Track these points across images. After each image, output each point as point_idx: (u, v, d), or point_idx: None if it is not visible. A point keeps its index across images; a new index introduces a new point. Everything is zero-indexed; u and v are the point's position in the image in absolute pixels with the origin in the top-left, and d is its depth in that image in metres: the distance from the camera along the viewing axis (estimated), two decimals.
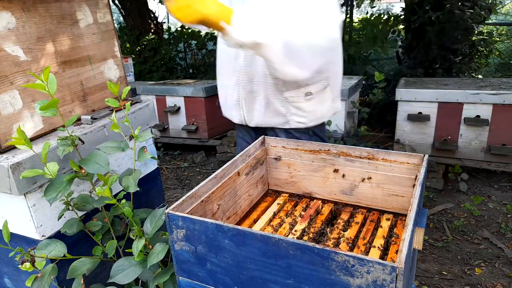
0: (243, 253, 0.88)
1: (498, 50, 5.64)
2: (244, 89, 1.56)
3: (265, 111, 1.57)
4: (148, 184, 1.68)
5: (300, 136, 1.61)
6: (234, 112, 1.66)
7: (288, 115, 1.56)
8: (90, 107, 1.56)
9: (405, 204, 1.26)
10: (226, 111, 1.72)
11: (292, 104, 1.54)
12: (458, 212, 2.87)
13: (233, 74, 1.57)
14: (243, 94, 1.58)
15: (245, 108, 1.61)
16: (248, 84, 1.55)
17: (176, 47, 7.31)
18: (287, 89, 1.50)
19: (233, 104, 1.63)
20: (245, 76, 1.54)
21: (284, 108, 1.54)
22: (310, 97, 1.53)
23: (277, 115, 1.57)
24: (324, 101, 1.58)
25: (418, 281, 2.21)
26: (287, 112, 1.55)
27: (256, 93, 1.55)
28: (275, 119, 1.58)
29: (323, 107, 1.59)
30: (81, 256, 1.24)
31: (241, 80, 1.55)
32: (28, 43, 1.30)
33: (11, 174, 1.15)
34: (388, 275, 0.73)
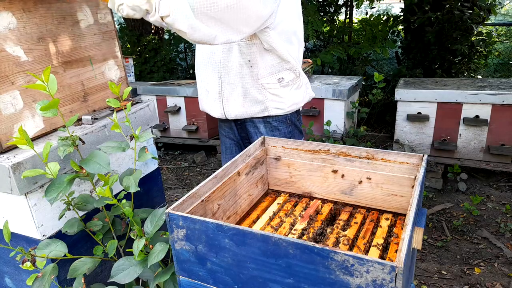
0: (243, 252, 0.89)
1: (497, 51, 5.65)
2: (223, 81, 1.62)
3: (243, 100, 1.63)
4: (148, 184, 1.69)
5: (278, 126, 1.69)
6: (214, 105, 1.70)
7: (266, 102, 1.62)
8: (91, 107, 1.56)
9: (404, 203, 1.27)
10: (206, 105, 1.75)
11: (269, 91, 1.61)
12: (457, 212, 2.88)
13: (213, 68, 1.62)
14: (222, 87, 1.63)
15: (224, 101, 1.66)
16: (226, 76, 1.61)
17: (176, 47, 7.30)
18: (262, 75, 1.58)
19: (214, 97, 1.67)
20: (224, 69, 1.60)
21: (261, 96, 1.61)
22: (285, 84, 1.62)
23: (255, 103, 1.63)
24: (299, 88, 1.69)
25: (418, 281, 2.22)
26: (264, 99, 1.62)
27: (234, 84, 1.61)
28: (254, 108, 1.64)
29: (299, 93, 1.69)
30: (81, 256, 1.24)
31: (221, 73, 1.61)
32: (29, 44, 1.30)
33: (12, 174, 1.15)
34: (388, 275, 0.74)
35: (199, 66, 1.71)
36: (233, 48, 1.56)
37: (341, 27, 5.71)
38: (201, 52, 1.67)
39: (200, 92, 1.76)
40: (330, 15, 5.60)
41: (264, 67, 1.57)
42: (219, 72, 1.61)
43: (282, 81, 1.61)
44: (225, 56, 1.58)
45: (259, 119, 1.68)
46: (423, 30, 4.58)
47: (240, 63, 1.57)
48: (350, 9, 5.78)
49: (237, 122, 1.76)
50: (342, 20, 5.94)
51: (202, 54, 1.67)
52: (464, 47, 4.48)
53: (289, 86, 1.64)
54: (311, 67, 3.95)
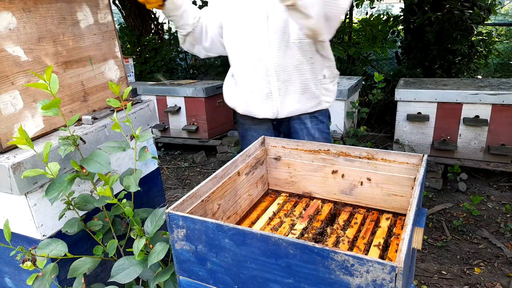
0: (243, 252, 0.89)
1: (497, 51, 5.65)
2: (277, 79, 1.62)
3: (300, 97, 1.68)
4: (148, 184, 1.69)
5: (323, 119, 1.80)
6: (264, 105, 1.68)
7: (320, 96, 1.73)
8: (91, 107, 1.56)
9: (404, 203, 1.27)
10: (251, 107, 1.72)
11: (323, 86, 1.72)
12: (457, 212, 2.88)
13: (265, 68, 1.62)
14: (276, 85, 1.63)
15: (278, 99, 1.66)
16: (282, 73, 1.62)
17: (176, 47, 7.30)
18: (319, 71, 1.68)
19: (262, 97, 1.67)
20: (277, 66, 1.61)
21: (318, 90, 1.71)
22: (331, 79, 1.75)
23: (311, 98, 1.71)
24: (336, 83, 1.82)
25: (418, 281, 2.22)
26: (320, 94, 1.72)
27: (290, 81, 1.64)
28: (309, 103, 1.71)
29: (336, 88, 1.83)
30: (82, 256, 1.24)
31: (272, 71, 1.61)
32: (29, 44, 1.30)
33: (12, 174, 1.15)
34: (388, 275, 0.74)
35: (243, 68, 1.68)
36: (291, 47, 1.59)
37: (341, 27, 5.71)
38: (246, 54, 1.65)
39: (242, 94, 1.73)
40: None
41: (319, 63, 1.67)
42: (274, 71, 1.62)
43: (327, 77, 1.73)
44: (281, 55, 1.60)
45: (307, 115, 1.75)
46: (423, 30, 4.58)
47: (300, 60, 1.62)
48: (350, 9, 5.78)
49: (277, 122, 1.78)
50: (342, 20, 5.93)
51: (247, 56, 1.65)
52: (464, 47, 4.48)
53: (334, 81, 1.77)
54: None
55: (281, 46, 1.59)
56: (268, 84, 1.64)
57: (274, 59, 1.60)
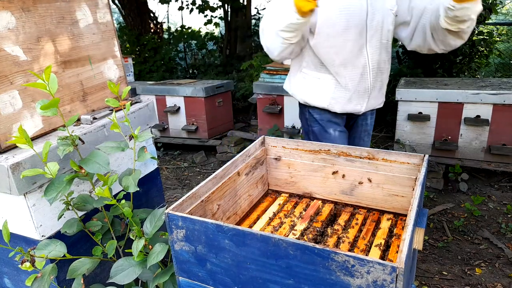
0: (243, 253, 0.88)
1: (498, 50, 5.64)
2: (373, 76, 1.73)
3: (378, 94, 1.81)
4: (148, 184, 1.68)
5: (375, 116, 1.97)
6: (357, 102, 1.76)
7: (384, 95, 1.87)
8: (90, 107, 1.56)
9: (405, 204, 1.26)
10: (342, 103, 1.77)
11: None
12: (458, 212, 2.87)
13: (365, 66, 1.71)
14: (371, 82, 1.74)
15: (371, 95, 1.78)
16: (376, 71, 1.74)
17: (176, 47, 7.30)
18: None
19: (358, 94, 1.75)
20: (377, 65, 1.73)
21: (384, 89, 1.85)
22: None
23: (381, 96, 1.85)
24: None
25: (418, 281, 2.21)
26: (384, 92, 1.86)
27: (379, 79, 1.77)
28: (379, 100, 1.86)
29: None
30: (81, 256, 1.24)
31: (370, 69, 1.72)
32: (28, 43, 1.30)
33: (11, 174, 1.15)
34: (388, 275, 0.73)
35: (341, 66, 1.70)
36: (383, 47, 1.72)
37: None
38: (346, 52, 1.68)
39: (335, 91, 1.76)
40: None
41: None
42: (371, 68, 1.71)
43: None
44: (378, 53, 1.71)
45: (369, 112, 1.89)
46: None
47: (385, 60, 1.76)
48: None
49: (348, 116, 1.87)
50: None
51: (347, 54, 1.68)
52: (465, 46, 4.47)
53: None
54: None
55: (377, 45, 1.69)
56: (366, 81, 1.73)
57: (373, 57, 1.70)
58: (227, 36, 6.88)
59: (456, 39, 1.60)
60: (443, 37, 1.60)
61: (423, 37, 1.68)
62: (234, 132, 4.24)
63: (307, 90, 1.81)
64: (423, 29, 1.65)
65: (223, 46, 7.10)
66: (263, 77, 3.75)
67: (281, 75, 3.64)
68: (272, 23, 1.59)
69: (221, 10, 6.77)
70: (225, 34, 6.97)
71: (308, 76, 1.79)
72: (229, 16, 6.71)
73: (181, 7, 7.04)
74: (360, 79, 1.72)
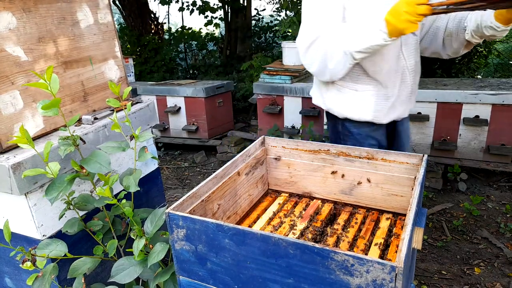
0: (243, 252, 0.89)
1: (497, 50, 5.65)
2: (413, 79, 1.61)
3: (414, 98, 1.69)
4: (148, 184, 1.69)
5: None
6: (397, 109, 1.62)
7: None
8: (91, 107, 1.56)
9: (404, 203, 1.27)
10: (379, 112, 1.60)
11: None
12: (457, 212, 2.88)
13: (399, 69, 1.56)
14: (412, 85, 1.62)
15: (411, 99, 1.66)
16: (414, 73, 1.62)
17: (176, 47, 7.31)
18: None
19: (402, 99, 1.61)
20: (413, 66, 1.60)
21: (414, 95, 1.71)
22: None
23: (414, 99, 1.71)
24: None
25: (418, 281, 2.22)
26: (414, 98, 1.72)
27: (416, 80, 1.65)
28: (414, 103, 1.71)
29: None
30: (82, 256, 1.24)
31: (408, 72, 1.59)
32: (29, 44, 1.30)
33: (12, 174, 1.15)
34: (388, 275, 0.74)
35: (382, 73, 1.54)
36: (416, 47, 1.61)
37: None
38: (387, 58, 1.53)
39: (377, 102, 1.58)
40: None
41: None
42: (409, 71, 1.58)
43: None
44: (413, 55, 1.59)
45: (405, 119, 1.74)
46: None
47: (417, 61, 1.64)
48: None
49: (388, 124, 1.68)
50: None
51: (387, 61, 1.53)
52: None
53: None
54: None
55: (416, 51, 1.60)
56: (407, 85, 1.60)
57: (409, 58, 1.57)
58: (227, 37, 6.89)
59: (466, 50, 1.56)
60: (457, 46, 1.54)
61: (432, 40, 1.62)
62: (234, 132, 4.25)
63: (346, 104, 1.62)
64: (435, 32, 1.60)
65: (223, 46, 7.11)
66: (263, 78, 3.76)
67: (280, 75, 3.65)
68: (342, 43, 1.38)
69: (221, 11, 6.78)
70: (225, 35, 6.98)
71: (344, 88, 1.61)
72: (229, 17, 6.72)
73: (182, 8, 7.05)
74: (401, 84, 1.59)
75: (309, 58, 1.49)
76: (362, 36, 1.35)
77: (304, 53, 1.50)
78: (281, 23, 4.38)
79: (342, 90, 1.62)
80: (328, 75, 1.50)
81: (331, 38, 1.42)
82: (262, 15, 7.41)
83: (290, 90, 3.59)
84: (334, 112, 1.68)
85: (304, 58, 1.51)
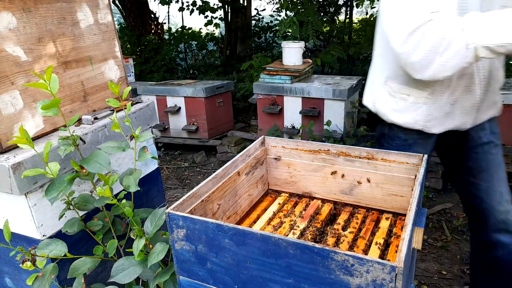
0: (243, 252, 0.89)
1: None
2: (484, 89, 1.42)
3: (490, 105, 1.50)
4: (148, 184, 1.69)
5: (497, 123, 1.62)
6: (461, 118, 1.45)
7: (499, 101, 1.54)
8: (91, 107, 1.56)
9: (404, 203, 1.27)
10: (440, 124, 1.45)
11: None
12: (457, 211, 2.88)
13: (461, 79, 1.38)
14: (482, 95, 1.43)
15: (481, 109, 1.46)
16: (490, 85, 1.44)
17: (176, 47, 7.31)
18: None
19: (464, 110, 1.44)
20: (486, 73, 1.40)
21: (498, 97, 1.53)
22: None
23: (494, 104, 1.53)
24: None
25: (418, 281, 2.22)
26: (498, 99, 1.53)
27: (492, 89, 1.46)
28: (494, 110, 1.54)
29: None
30: (81, 256, 1.24)
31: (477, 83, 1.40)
32: (29, 44, 1.30)
33: (12, 174, 1.15)
34: (388, 275, 0.74)
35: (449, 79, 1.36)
36: None
37: (341, 27, 5.72)
38: None
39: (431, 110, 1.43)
40: (330, 15, 5.60)
41: None
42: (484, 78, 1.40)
43: None
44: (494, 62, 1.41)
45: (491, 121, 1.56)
46: None
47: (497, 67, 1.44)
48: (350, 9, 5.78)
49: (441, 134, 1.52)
50: (342, 20, 5.95)
51: None
52: None
53: None
54: (311, 67, 3.95)
55: None
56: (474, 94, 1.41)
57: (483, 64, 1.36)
58: (227, 37, 6.89)
59: None
60: None
61: None
62: (234, 132, 4.25)
63: (395, 109, 1.48)
64: None
65: (223, 46, 7.11)
66: (263, 78, 3.76)
67: (280, 75, 3.65)
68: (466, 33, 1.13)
69: (221, 11, 6.78)
70: (225, 35, 6.98)
71: (394, 91, 1.47)
72: (229, 17, 6.72)
73: (182, 8, 7.05)
74: (466, 92, 1.39)
75: (412, 44, 1.20)
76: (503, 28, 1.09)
77: (406, 38, 1.21)
78: (281, 23, 4.38)
79: (392, 92, 1.48)
80: (432, 70, 1.21)
81: (450, 24, 1.15)
82: (262, 15, 7.41)
83: (290, 90, 3.59)
84: (383, 117, 1.55)
85: (403, 44, 1.23)
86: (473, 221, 1.67)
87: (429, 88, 1.40)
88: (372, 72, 1.60)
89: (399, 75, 1.42)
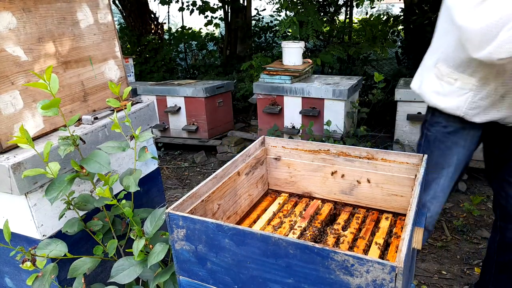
0: (243, 252, 0.89)
1: None
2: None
3: None
4: (148, 184, 1.69)
5: None
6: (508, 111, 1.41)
7: None
8: (91, 107, 1.56)
9: (404, 203, 1.27)
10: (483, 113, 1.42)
11: None
12: (457, 211, 2.88)
13: None
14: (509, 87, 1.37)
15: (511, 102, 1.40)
16: None
17: (176, 47, 7.31)
18: None
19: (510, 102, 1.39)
20: None
21: None
22: None
23: None
24: None
25: (418, 281, 2.22)
26: None
27: None
28: None
29: None
30: (81, 256, 1.24)
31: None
32: (29, 44, 1.30)
33: (12, 174, 1.15)
34: (388, 275, 0.74)
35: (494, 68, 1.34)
36: None
37: (341, 27, 5.72)
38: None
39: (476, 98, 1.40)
40: (330, 15, 5.60)
41: None
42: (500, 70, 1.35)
43: None
44: None
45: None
46: (423, 30, 4.58)
47: None
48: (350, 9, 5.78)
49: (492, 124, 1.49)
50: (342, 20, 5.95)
51: None
52: None
53: None
54: (311, 67, 3.95)
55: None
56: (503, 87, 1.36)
57: None
58: (227, 37, 6.89)
59: None
60: None
61: None
62: (234, 132, 4.25)
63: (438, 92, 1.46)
64: None
65: (223, 46, 7.11)
66: (263, 78, 3.76)
67: (280, 75, 3.65)
68: None
69: (221, 11, 6.78)
70: (225, 35, 6.98)
71: (442, 75, 1.44)
72: (229, 17, 6.72)
73: (182, 8, 7.05)
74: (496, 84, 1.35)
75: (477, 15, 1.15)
76: None
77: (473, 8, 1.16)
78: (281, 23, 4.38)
79: (439, 76, 1.45)
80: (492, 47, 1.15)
81: None
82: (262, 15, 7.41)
83: (290, 90, 3.59)
84: (425, 98, 1.54)
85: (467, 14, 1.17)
86: (501, 221, 1.63)
87: (478, 75, 1.36)
88: (425, 56, 1.58)
89: (451, 58, 1.39)
